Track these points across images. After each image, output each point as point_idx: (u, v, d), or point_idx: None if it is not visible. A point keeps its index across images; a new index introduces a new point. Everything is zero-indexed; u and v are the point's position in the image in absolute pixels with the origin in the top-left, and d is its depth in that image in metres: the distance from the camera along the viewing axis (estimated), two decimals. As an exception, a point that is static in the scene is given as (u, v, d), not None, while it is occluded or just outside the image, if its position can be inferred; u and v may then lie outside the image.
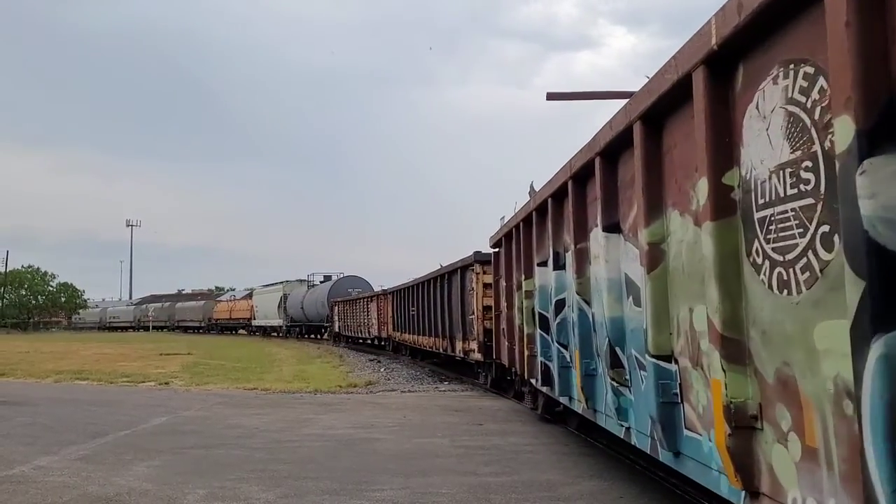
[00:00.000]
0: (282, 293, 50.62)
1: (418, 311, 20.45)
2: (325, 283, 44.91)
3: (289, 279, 52.34)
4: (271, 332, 53.51)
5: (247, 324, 58.80)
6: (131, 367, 22.55)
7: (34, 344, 39.24)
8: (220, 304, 66.59)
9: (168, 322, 77.27)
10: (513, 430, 9.50)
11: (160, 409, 12.48)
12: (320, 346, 36.93)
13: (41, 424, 10.77)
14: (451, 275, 16.74)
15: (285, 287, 50.97)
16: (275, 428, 10.07)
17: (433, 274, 18.59)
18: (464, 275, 15.31)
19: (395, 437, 9.08)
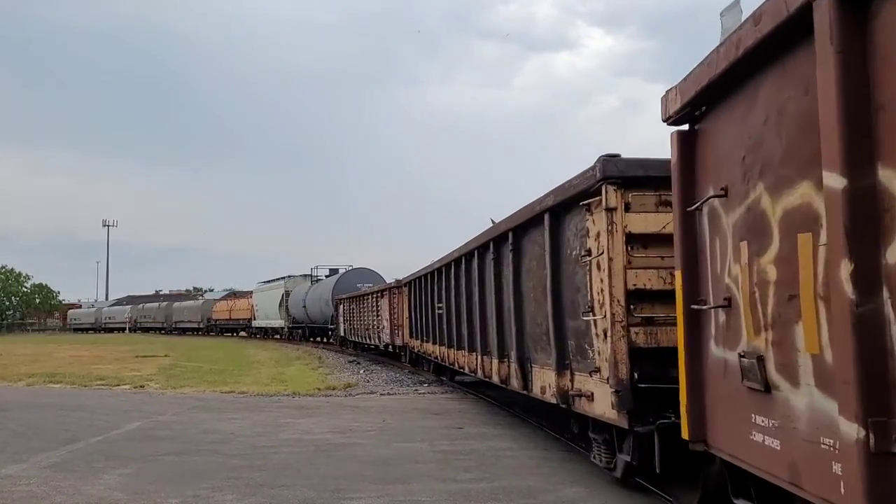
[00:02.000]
0: (283, 290, 44.79)
1: (450, 308, 12.64)
2: (329, 278, 38.54)
3: (292, 274, 46.36)
4: (273, 333, 48.53)
5: (247, 325, 53.77)
6: (106, 370, 22.18)
7: (7, 346, 38.55)
8: (219, 304, 61.74)
9: (165, 323, 71.44)
10: (492, 434, 9.41)
11: (134, 413, 12.25)
12: (299, 348, 36.59)
13: (10, 430, 10.52)
14: (523, 231, 8.25)
15: (287, 283, 44.97)
16: (251, 433, 9.90)
17: (479, 239, 10.19)
18: (560, 224, 7.07)
19: (374, 442, 8.96)
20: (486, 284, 9.90)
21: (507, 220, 8.67)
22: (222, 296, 66.63)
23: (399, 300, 20.56)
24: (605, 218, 5.72)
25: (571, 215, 6.72)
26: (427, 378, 17.69)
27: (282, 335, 45.78)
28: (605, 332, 5.78)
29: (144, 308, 78.16)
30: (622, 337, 5.60)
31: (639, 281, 5.71)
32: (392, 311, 21.29)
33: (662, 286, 5.68)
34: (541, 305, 7.51)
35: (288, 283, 44.66)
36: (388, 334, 21.80)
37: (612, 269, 5.65)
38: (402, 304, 20.07)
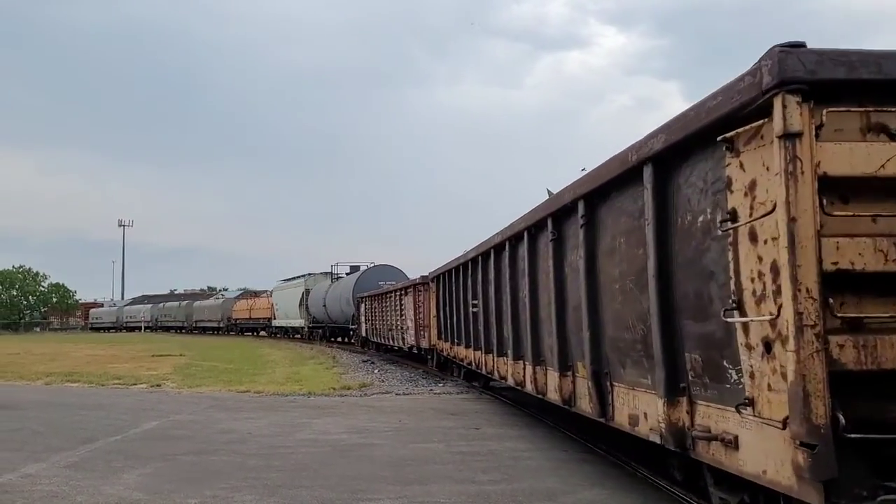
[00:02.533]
0: (303, 288, 43.08)
1: (488, 306, 10.83)
2: (350, 276, 36.99)
3: (312, 272, 44.56)
4: (293, 333, 46.88)
5: (267, 324, 52.41)
6: (123, 369, 22.33)
7: (25, 345, 38.93)
8: (239, 303, 60.70)
9: (186, 322, 70.70)
10: (510, 435, 9.36)
11: (151, 412, 12.31)
12: (313, 347, 36.66)
13: (30, 430, 10.59)
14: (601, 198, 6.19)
15: (307, 281, 43.33)
16: (268, 433, 9.92)
17: (530, 217, 8.30)
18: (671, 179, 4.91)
19: (391, 443, 8.94)
20: (540, 274, 7.99)
21: (576, 185, 6.53)
22: (241, 295, 65.92)
23: (425, 298, 18.93)
24: (780, 152, 3.48)
25: (694, 162, 4.53)
26: (443, 378, 17.66)
27: (302, 335, 44.26)
28: (768, 343, 3.71)
29: (165, 307, 77.71)
30: (816, 352, 3.37)
31: (842, 257, 3.51)
32: (417, 311, 19.52)
33: (883, 266, 3.53)
34: (633, 300, 5.41)
35: (308, 282, 43.23)
36: (412, 335, 20.02)
37: (796, 237, 3.41)
38: (429, 303, 18.37)
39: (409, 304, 20.39)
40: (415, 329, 19.67)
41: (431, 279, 17.78)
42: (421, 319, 19.26)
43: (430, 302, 18.30)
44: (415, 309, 19.50)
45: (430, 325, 18.26)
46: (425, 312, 18.83)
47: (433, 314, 17.79)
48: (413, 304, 19.69)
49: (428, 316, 18.53)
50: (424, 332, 18.97)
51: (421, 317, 19.26)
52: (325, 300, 37.63)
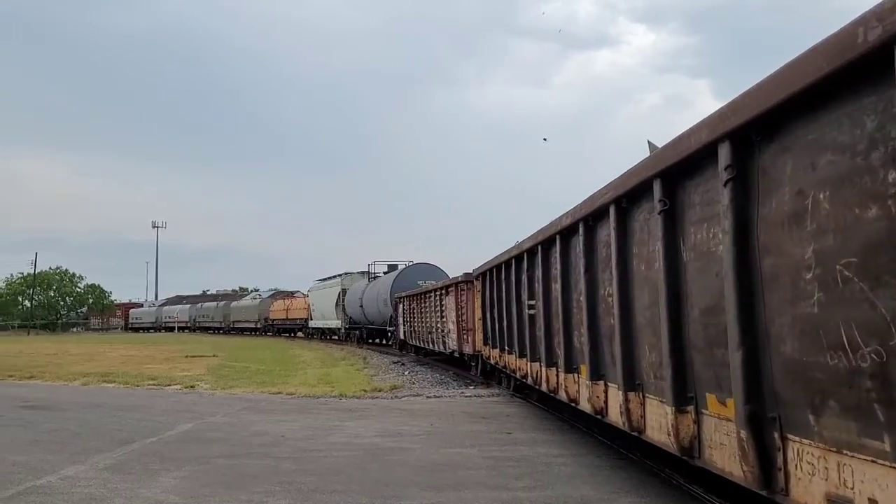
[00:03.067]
0: (339, 288, 41.63)
1: (550, 307, 8.95)
2: (387, 275, 35.08)
3: (349, 271, 43.03)
4: (330, 335, 45.43)
5: (303, 325, 51.30)
6: (157, 370, 22.67)
7: (62, 345, 39.72)
8: (276, 303, 59.66)
9: (223, 323, 70.03)
10: (542, 440, 9.30)
11: (186, 414, 12.46)
12: (343, 349, 36.86)
13: (68, 431, 10.78)
14: (772, 134, 3.71)
15: (344, 280, 41.89)
16: (301, 436, 9.98)
17: (621, 185, 6.05)
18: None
19: (423, 447, 8.93)
20: (636, 264, 5.87)
21: (718, 117, 4.12)
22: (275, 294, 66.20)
23: (469, 298, 17.16)
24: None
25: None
26: (473, 379, 17.62)
27: (339, 336, 42.86)
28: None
29: (203, 308, 77.65)
30: None
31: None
32: (459, 312, 17.84)
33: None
34: (853, 300, 3.15)
35: (344, 281, 41.84)
36: (454, 339, 18.37)
37: None
38: (473, 303, 16.49)
39: (450, 304, 18.97)
40: (457, 332, 18.18)
41: (476, 276, 15.95)
42: (464, 322, 17.65)
43: (474, 302, 16.45)
44: (457, 310, 18.06)
45: (475, 328, 16.34)
46: (469, 314, 17.20)
47: (478, 316, 15.83)
48: (455, 304, 18.23)
49: (472, 318, 16.82)
50: (468, 336, 17.26)
51: (464, 319, 17.66)
52: (361, 300, 36.31)
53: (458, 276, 18.39)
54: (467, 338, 17.35)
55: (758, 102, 3.69)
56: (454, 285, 18.47)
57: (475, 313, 16.26)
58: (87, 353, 31.60)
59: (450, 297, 18.95)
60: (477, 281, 15.89)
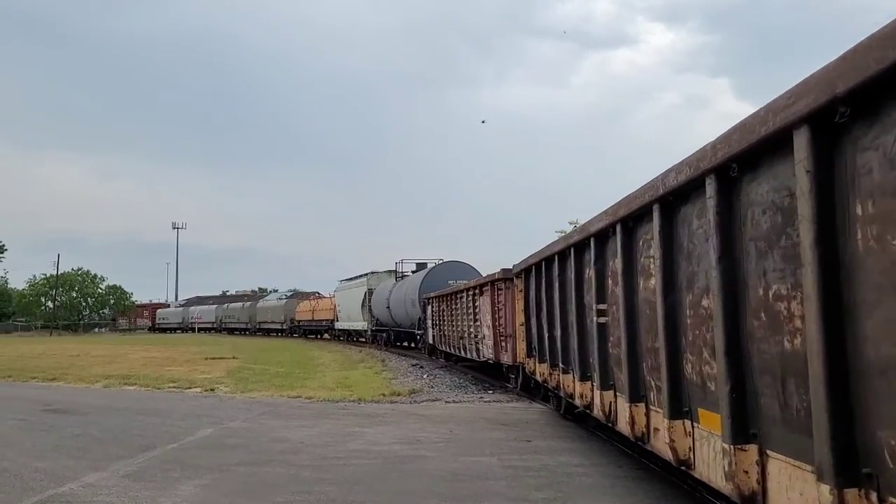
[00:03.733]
0: (365, 288, 39.60)
1: (633, 311, 6.35)
2: (416, 274, 32.92)
3: (375, 270, 40.70)
4: (357, 337, 43.52)
5: (329, 326, 49.58)
6: (178, 372, 22.83)
7: (84, 346, 40.14)
8: (302, 304, 57.83)
9: (249, 324, 68.74)
10: (562, 448, 9.23)
11: (206, 419, 12.51)
12: (362, 350, 36.91)
13: (90, 436, 10.87)
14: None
15: (370, 280, 39.76)
16: (320, 442, 9.98)
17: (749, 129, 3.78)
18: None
19: (443, 455, 8.90)
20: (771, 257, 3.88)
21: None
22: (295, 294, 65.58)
23: (507, 298, 15.03)
24: None
25: None
26: (492, 384, 17.57)
27: (365, 339, 40.74)
28: None
29: (229, 308, 76.56)
30: None
31: None
32: (496, 315, 15.64)
33: None
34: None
35: (370, 280, 39.59)
36: (489, 346, 16.21)
37: None
38: (513, 305, 14.29)
39: (484, 305, 16.82)
40: (493, 338, 15.88)
41: (517, 273, 13.51)
42: (501, 327, 15.48)
43: (514, 304, 14.13)
44: (493, 313, 15.84)
45: (516, 335, 14.04)
46: (507, 318, 15.04)
47: (519, 321, 13.45)
48: (490, 306, 16.03)
49: (511, 322, 14.65)
50: (506, 343, 15.16)
51: (501, 323, 15.49)
52: (388, 301, 34.17)
53: (495, 272, 15.87)
54: (505, 345, 15.27)
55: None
56: (489, 284, 16.29)
57: (516, 317, 14.00)
58: (109, 355, 31.90)
59: (484, 297, 16.86)
60: (518, 279, 13.54)
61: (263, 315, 65.76)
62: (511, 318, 14.68)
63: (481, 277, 18.25)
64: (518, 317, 13.66)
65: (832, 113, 3.17)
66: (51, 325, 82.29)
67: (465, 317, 19.08)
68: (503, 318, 15.41)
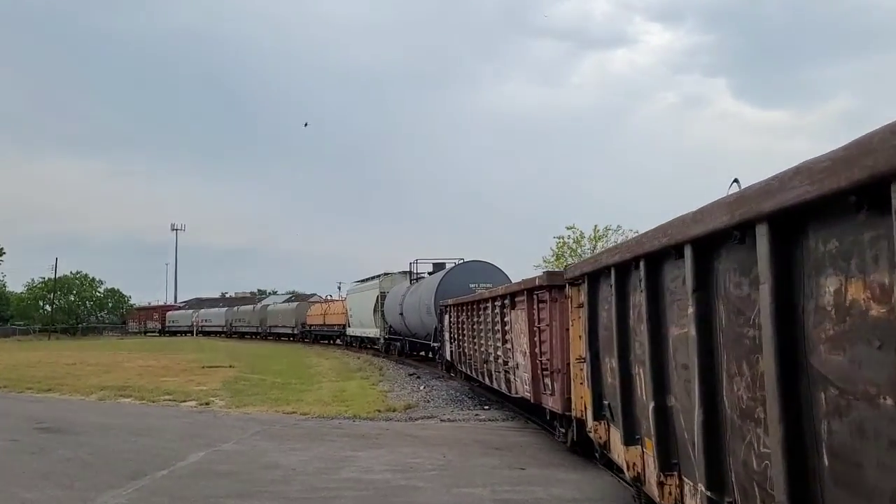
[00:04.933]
0: (377, 291, 35.99)
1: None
2: (431, 276, 28.31)
3: (389, 271, 36.94)
4: (369, 344, 39.87)
5: (342, 332, 46.21)
6: (173, 383, 22.75)
7: (81, 354, 39.98)
8: (313, 307, 55.53)
9: (260, 327, 66.50)
10: (556, 478, 9.14)
11: (199, 440, 12.42)
12: (360, 357, 36.81)
13: (81, 460, 10.76)
14: None
15: (382, 283, 36.05)
16: (312, 469, 9.89)
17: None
18: None
19: (435, 486, 8.81)
20: None
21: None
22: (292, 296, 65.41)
23: (555, 315, 10.03)
24: None
25: None
26: (489, 398, 17.46)
27: (379, 347, 36.86)
28: None
29: (240, 311, 74.51)
30: None
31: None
32: (536, 338, 10.66)
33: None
34: None
35: (383, 283, 36.00)
36: (525, 381, 11.31)
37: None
38: (564, 325, 9.67)
39: (517, 322, 11.83)
40: (530, 369, 10.89)
41: (572, 279, 8.68)
42: (543, 356, 10.47)
43: (564, 324, 9.60)
44: (530, 334, 10.79)
45: (570, 373, 9.47)
46: (555, 344, 10.06)
47: (576, 354, 8.91)
48: (527, 324, 10.95)
49: (561, 352, 9.86)
50: (552, 380, 10.19)
51: (544, 350, 10.44)
52: (401, 307, 30.13)
53: (536, 277, 11.02)
54: (550, 383, 10.30)
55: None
56: (524, 293, 11.16)
57: (569, 346, 9.39)
58: (105, 364, 31.76)
59: (517, 311, 11.88)
60: (573, 287, 8.76)
61: (274, 319, 63.55)
62: (561, 346, 9.83)
63: (513, 284, 13.77)
64: (575, 346, 8.89)
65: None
66: (49, 329, 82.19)
67: (491, 334, 14.10)
68: (547, 343, 10.29)
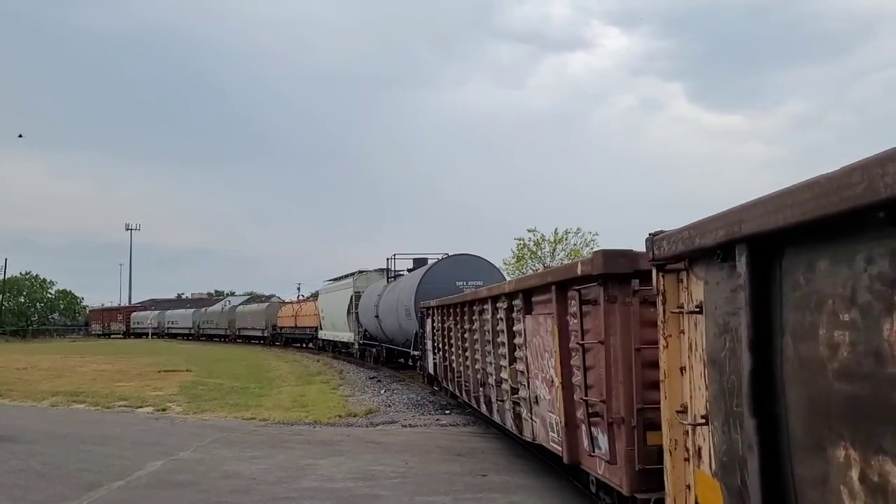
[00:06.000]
0: (351, 291, 32.44)
1: None
2: (412, 274, 24.57)
3: (364, 268, 33.30)
4: (343, 349, 36.13)
5: (314, 335, 43.18)
6: (128, 388, 22.31)
7: (32, 357, 38.94)
8: (284, 308, 53.17)
9: (229, 329, 63.88)
10: (517, 485, 9.24)
11: (156, 448, 12.22)
12: (320, 360, 36.55)
13: (33, 471, 10.50)
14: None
15: (357, 281, 32.28)
16: (272, 478, 9.82)
17: None
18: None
19: (397, 494, 8.83)
20: None
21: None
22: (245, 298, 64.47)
23: (615, 325, 6.00)
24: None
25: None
26: (449, 402, 17.50)
27: (354, 353, 33.44)
28: None
29: (207, 313, 72.11)
30: None
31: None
32: (574, 357, 6.93)
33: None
34: None
35: (358, 282, 32.26)
36: (552, 423, 7.73)
37: None
38: (633, 343, 5.90)
39: (537, 333, 8.19)
40: (562, 408, 7.26)
41: (674, 259, 4.25)
42: (591, 390, 6.51)
43: (633, 341, 5.91)
44: (562, 352, 7.21)
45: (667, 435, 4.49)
46: (616, 374, 6.00)
47: (674, 401, 4.36)
48: (555, 336, 7.37)
49: (626, 388, 5.90)
50: (611, 434, 6.06)
51: (589, 382, 6.57)
52: (377, 308, 26.66)
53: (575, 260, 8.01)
54: (605, 438, 6.21)
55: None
56: (552, 288, 7.41)
57: (645, 377, 5.74)
58: (58, 368, 30.98)
59: (538, 316, 8.18)
60: (672, 277, 4.42)
61: (244, 320, 61.20)
62: (625, 379, 5.92)
63: (530, 276, 10.96)
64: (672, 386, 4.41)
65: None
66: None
67: (492, 348, 10.38)
68: (597, 371, 6.39)
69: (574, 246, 45.77)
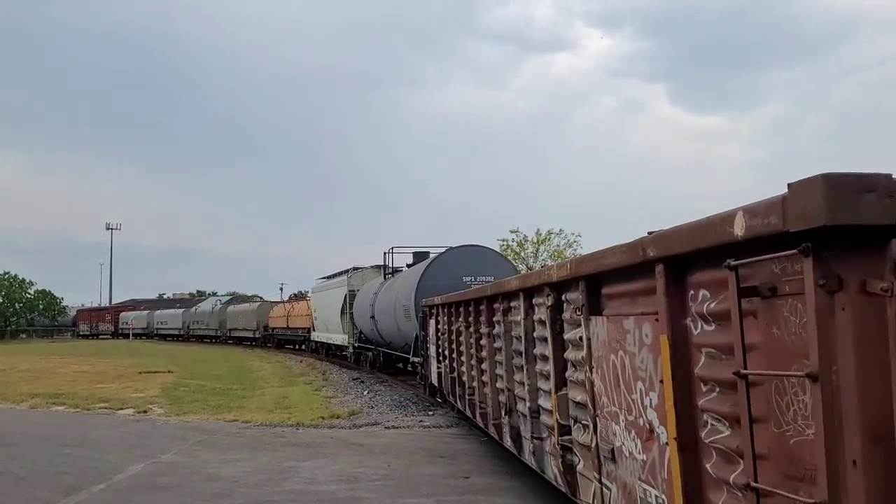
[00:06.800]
0: (346, 290, 30.34)
1: None
2: (412, 268, 21.89)
3: (359, 265, 31.23)
4: (338, 352, 33.94)
5: (306, 336, 41.24)
6: (109, 390, 22.12)
7: (10, 359, 38.47)
8: (275, 308, 51.45)
9: (219, 330, 62.44)
10: (500, 487, 9.27)
11: (137, 451, 12.14)
12: (303, 361, 36.41)
13: (13, 474, 10.41)
14: None
15: (351, 279, 30.16)
16: (254, 481, 9.79)
17: None
18: None
19: (380, 497, 8.84)
20: None
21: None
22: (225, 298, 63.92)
23: (848, 335, 2.69)
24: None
25: None
26: (433, 402, 17.52)
27: (349, 357, 31.28)
28: None
29: (197, 313, 69.98)
30: None
31: None
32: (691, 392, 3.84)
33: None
34: None
35: (352, 280, 30.11)
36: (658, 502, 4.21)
37: None
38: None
39: (624, 349, 4.79)
40: (677, 480, 3.87)
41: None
42: (754, 462, 3.14)
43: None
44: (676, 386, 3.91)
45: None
46: (820, 433, 2.74)
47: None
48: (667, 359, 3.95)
49: (860, 476, 2.57)
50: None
51: (752, 445, 3.15)
52: (373, 308, 24.23)
53: (720, 213, 3.37)
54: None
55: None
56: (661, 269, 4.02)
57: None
58: (37, 370, 30.65)
59: (628, 321, 4.78)
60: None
61: (234, 321, 59.36)
62: (875, 448, 2.63)
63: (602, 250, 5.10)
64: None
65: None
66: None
67: (521, 360, 7.91)
68: (791, 424, 3.02)
69: (557, 247, 45.90)
